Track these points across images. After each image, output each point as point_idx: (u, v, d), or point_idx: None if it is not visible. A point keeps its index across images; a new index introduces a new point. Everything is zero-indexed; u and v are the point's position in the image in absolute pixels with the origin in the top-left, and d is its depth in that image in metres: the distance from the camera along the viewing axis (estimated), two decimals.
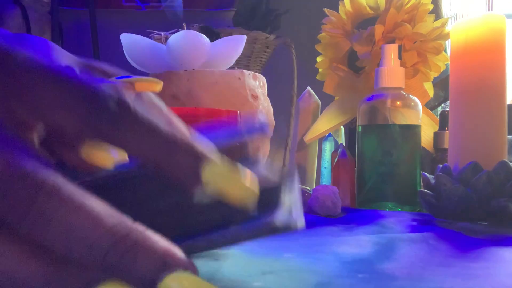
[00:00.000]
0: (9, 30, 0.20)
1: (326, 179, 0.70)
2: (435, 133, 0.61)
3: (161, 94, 0.65)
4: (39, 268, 0.14)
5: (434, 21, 0.61)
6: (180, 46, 0.59)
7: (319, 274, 0.25)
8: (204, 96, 0.56)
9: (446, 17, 0.77)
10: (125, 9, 1.48)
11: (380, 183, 0.53)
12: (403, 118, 0.53)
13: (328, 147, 0.71)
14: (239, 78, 0.59)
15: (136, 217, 0.15)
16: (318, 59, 0.69)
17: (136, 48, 0.59)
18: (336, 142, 0.71)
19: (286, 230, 0.18)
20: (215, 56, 0.61)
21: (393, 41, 0.59)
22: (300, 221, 0.19)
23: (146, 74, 0.60)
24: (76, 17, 1.41)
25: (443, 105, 0.76)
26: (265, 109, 0.63)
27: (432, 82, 0.64)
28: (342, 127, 0.72)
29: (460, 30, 0.46)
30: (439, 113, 0.64)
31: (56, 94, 0.16)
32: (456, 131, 0.47)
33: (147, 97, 0.21)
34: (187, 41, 0.59)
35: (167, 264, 0.14)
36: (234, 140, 0.21)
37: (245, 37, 0.64)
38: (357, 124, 0.56)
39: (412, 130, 0.54)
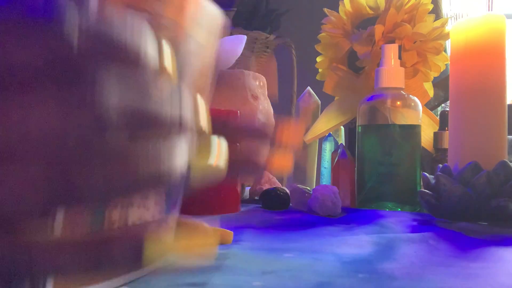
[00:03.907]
0: None
1: (326, 179, 0.70)
2: (435, 133, 0.61)
3: None
4: None
5: (434, 21, 0.61)
6: None
7: (319, 274, 0.25)
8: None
9: (446, 17, 0.77)
10: None
11: (380, 183, 0.53)
12: (403, 118, 0.53)
13: (328, 147, 0.71)
14: (239, 78, 0.59)
15: None
16: (318, 59, 0.69)
17: None
18: (336, 142, 0.71)
19: None
20: (215, 56, 0.61)
21: (393, 41, 0.59)
22: None
23: None
24: None
25: (443, 105, 0.76)
26: (265, 109, 0.63)
27: (432, 82, 0.64)
28: (342, 127, 0.72)
29: (460, 30, 0.46)
30: (439, 113, 0.64)
31: None
32: (456, 131, 0.47)
33: None
34: None
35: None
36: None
37: (245, 37, 0.64)
38: (357, 124, 0.56)
39: (412, 130, 0.54)
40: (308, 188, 0.55)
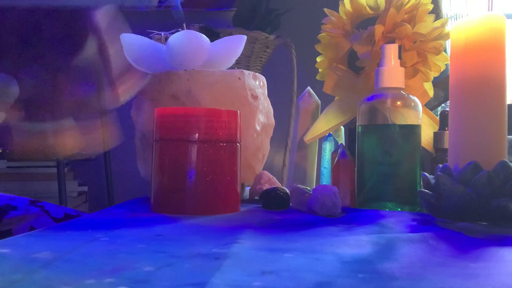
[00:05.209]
0: None
1: (326, 179, 0.70)
2: (435, 133, 0.61)
3: (161, 94, 0.66)
4: None
5: (434, 21, 0.61)
6: (180, 46, 0.59)
7: (319, 274, 0.25)
8: (204, 96, 0.57)
9: (446, 17, 0.77)
10: (125, 9, 1.48)
11: (380, 183, 0.53)
12: (403, 118, 0.53)
13: (328, 147, 0.71)
14: (239, 78, 0.59)
15: None
16: (318, 59, 0.69)
17: (136, 48, 0.59)
18: (336, 142, 0.71)
19: None
20: (215, 56, 0.61)
21: (393, 41, 0.59)
22: None
23: (146, 74, 0.60)
24: None
25: (443, 105, 0.76)
26: (265, 109, 0.63)
27: (432, 82, 0.64)
28: (342, 127, 0.72)
29: (460, 30, 0.47)
30: (439, 113, 0.64)
31: None
32: (456, 131, 0.47)
33: None
34: (187, 41, 0.59)
35: None
36: None
37: (245, 37, 0.64)
38: (357, 124, 0.56)
39: (412, 130, 0.54)
40: (308, 188, 0.55)
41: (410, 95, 0.54)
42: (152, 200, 0.49)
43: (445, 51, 0.63)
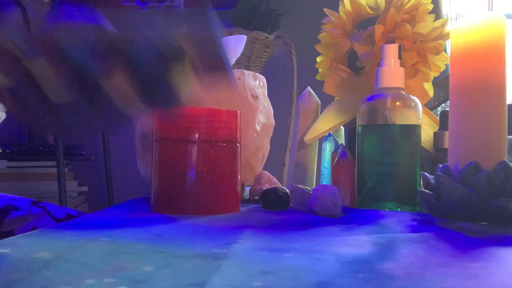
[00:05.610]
0: (9, 30, 0.24)
1: (326, 179, 0.70)
2: (435, 133, 0.61)
3: None
4: None
5: (434, 21, 0.61)
6: None
7: (319, 274, 0.25)
8: (204, 96, 0.56)
9: (446, 17, 0.77)
10: (125, 9, 1.48)
11: (380, 183, 0.53)
12: (403, 118, 0.53)
13: (328, 147, 0.71)
14: (239, 78, 0.59)
15: None
16: (318, 59, 0.69)
17: None
18: (336, 142, 0.71)
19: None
20: None
21: (393, 41, 0.59)
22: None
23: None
24: None
25: (443, 105, 0.76)
26: (265, 109, 0.63)
27: (432, 82, 0.64)
28: (342, 127, 0.72)
29: (460, 30, 0.47)
30: (439, 113, 0.64)
31: None
32: (456, 131, 0.47)
33: None
34: None
35: None
36: None
37: (245, 37, 0.64)
38: (357, 124, 0.56)
39: (412, 130, 0.54)
40: (308, 188, 0.55)
41: (410, 95, 0.54)
42: (152, 200, 0.49)
43: (445, 51, 0.63)
